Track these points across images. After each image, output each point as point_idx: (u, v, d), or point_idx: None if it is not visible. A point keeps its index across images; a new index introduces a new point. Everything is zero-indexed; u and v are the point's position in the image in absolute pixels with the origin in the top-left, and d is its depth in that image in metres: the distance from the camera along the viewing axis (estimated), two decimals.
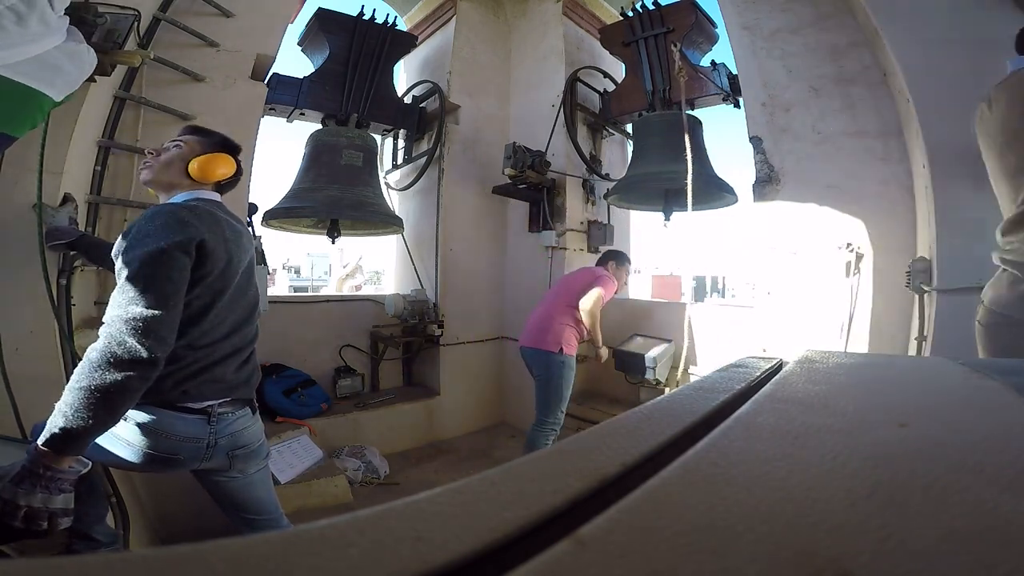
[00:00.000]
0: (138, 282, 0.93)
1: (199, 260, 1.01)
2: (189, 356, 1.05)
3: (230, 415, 1.13)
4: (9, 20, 0.96)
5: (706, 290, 20.67)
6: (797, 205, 2.14)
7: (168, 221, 0.99)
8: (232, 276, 1.11)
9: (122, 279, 0.95)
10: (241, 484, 1.20)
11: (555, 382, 2.22)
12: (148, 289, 0.93)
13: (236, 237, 1.14)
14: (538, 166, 3.05)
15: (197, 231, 1.00)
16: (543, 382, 2.25)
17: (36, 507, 0.84)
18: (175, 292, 0.96)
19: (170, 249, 0.96)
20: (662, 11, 2.89)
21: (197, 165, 1.14)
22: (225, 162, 1.18)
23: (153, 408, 1.04)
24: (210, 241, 1.02)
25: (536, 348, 2.27)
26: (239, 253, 1.14)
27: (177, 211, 1.02)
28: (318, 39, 2.91)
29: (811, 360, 0.53)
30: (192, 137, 1.18)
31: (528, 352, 2.31)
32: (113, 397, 0.87)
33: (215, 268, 1.05)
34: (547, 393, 2.23)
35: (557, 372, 2.21)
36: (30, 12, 0.99)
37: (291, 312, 2.96)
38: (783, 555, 0.16)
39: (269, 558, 0.16)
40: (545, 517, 0.19)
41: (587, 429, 0.31)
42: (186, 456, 1.08)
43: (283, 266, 18.72)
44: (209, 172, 1.15)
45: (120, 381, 0.87)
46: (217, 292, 1.07)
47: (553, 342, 2.23)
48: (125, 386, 0.88)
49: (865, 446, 0.26)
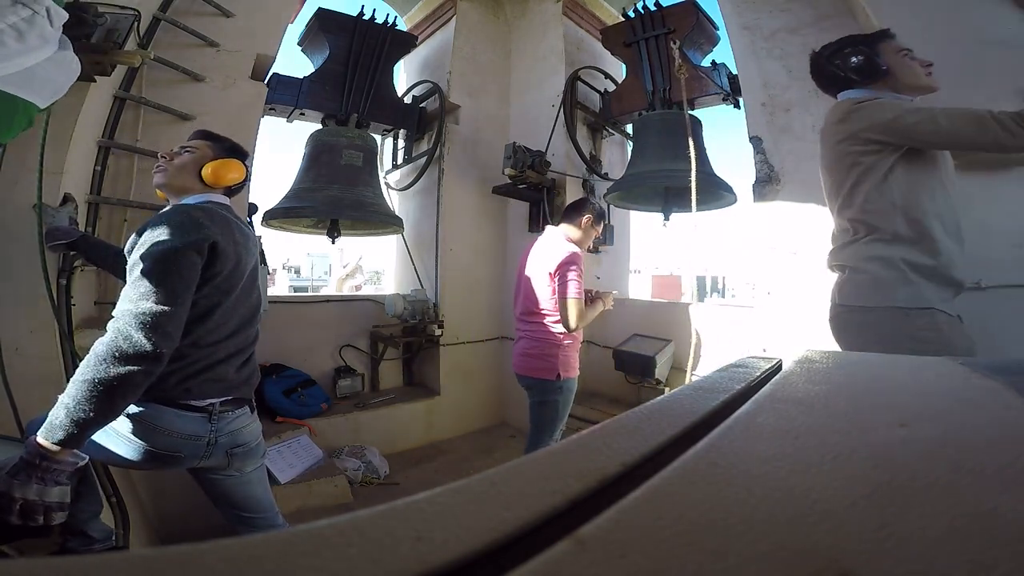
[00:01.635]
0: (151, 278, 0.95)
1: (210, 260, 1.04)
2: (194, 354, 1.06)
3: (230, 413, 1.14)
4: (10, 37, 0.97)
5: (706, 290, 20.68)
6: (797, 205, 2.14)
7: (184, 221, 1.02)
8: (239, 278, 1.13)
9: (135, 275, 0.97)
10: (238, 482, 1.20)
11: (551, 408, 1.96)
12: (160, 285, 0.95)
13: (244, 240, 1.17)
14: (538, 166, 3.05)
15: (210, 232, 1.03)
16: (538, 406, 2.00)
17: (31, 500, 0.85)
18: (185, 290, 0.99)
19: (184, 248, 0.98)
20: (663, 12, 2.89)
21: (211, 170, 1.17)
22: (236, 167, 1.22)
23: (155, 405, 1.05)
24: (222, 243, 1.05)
25: (530, 377, 1.97)
26: (247, 256, 1.17)
27: (192, 212, 1.05)
28: (318, 39, 2.91)
29: (811, 360, 0.53)
30: (203, 142, 1.21)
31: (521, 379, 2.04)
32: (116, 391, 0.88)
33: (224, 269, 1.07)
34: (541, 417, 1.98)
35: (553, 398, 1.95)
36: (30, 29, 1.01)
37: (291, 312, 2.96)
38: (783, 555, 0.16)
39: (269, 558, 0.16)
40: (545, 517, 0.19)
41: (587, 429, 0.31)
42: (186, 453, 1.09)
43: (283, 266, 18.74)
44: (221, 177, 1.19)
45: (124, 375, 0.89)
46: (224, 293, 1.09)
47: (548, 370, 1.91)
48: (128, 380, 0.89)
49: (865, 446, 0.26)
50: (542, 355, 1.93)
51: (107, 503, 1.50)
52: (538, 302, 1.96)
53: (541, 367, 1.93)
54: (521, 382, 2.04)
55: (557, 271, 1.86)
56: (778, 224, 2.19)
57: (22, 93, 1.05)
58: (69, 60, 1.17)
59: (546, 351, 1.93)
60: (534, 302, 1.97)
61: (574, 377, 1.99)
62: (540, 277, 1.95)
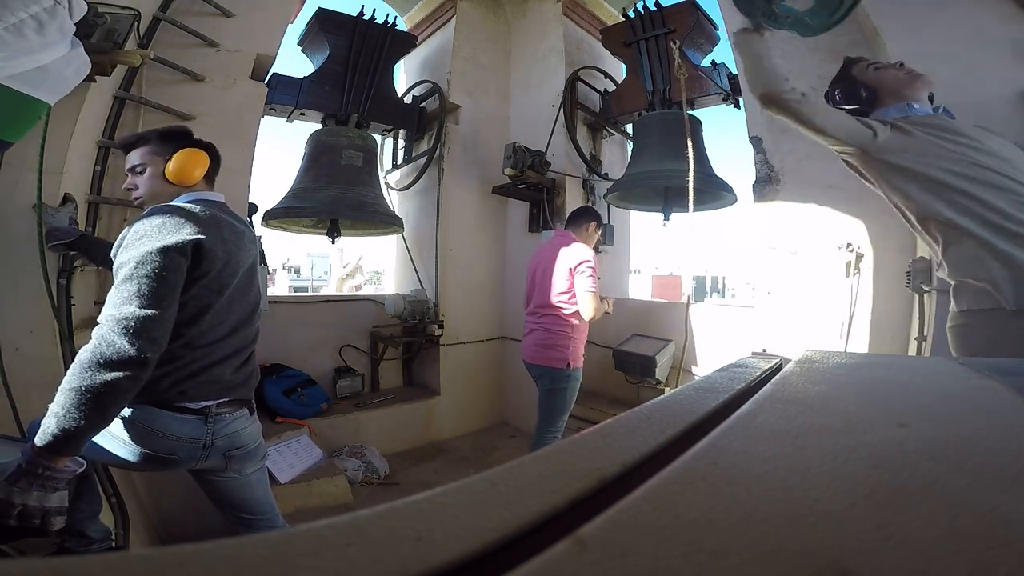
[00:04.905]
0: (133, 281, 0.93)
1: (196, 261, 1.01)
2: (188, 356, 1.05)
3: (228, 416, 1.13)
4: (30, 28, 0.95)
5: (706, 290, 20.68)
6: (797, 205, 2.14)
7: (165, 222, 0.99)
8: (231, 276, 1.10)
9: (119, 278, 0.95)
10: (238, 484, 1.20)
11: (559, 395, 2.14)
12: (143, 289, 0.92)
13: (236, 238, 1.13)
14: (538, 166, 3.05)
15: (194, 232, 1.00)
16: (547, 393, 2.17)
17: (31, 505, 0.84)
18: (170, 293, 0.96)
19: (166, 249, 0.95)
20: (663, 12, 2.89)
21: (173, 168, 1.13)
22: (194, 155, 1.16)
23: (150, 408, 1.04)
24: (207, 242, 1.02)
25: (540, 365, 2.14)
26: (239, 254, 1.13)
27: (175, 211, 1.02)
28: (318, 39, 2.91)
29: (811, 360, 0.53)
30: (144, 150, 1.15)
31: (532, 368, 2.20)
32: (104, 398, 0.87)
33: (212, 269, 1.04)
34: (550, 404, 2.16)
35: (562, 386, 2.13)
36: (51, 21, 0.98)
37: (291, 312, 2.96)
38: (783, 555, 0.16)
39: (269, 558, 0.16)
40: (545, 517, 0.19)
41: (587, 429, 0.31)
42: (183, 456, 1.08)
43: (283, 266, 18.74)
44: (188, 172, 1.14)
45: (110, 382, 0.87)
46: (215, 292, 1.07)
47: (559, 359, 2.09)
48: (115, 387, 0.88)
49: (865, 446, 0.26)
50: (555, 345, 2.10)
51: (107, 503, 1.50)
52: (553, 296, 2.12)
53: (554, 356, 2.10)
54: (533, 371, 2.19)
55: (576, 267, 2.05)
56: (778, 224, 2.19)
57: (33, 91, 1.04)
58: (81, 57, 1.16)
59: (559, 341, 2.10)
60: (549, 295, 2.13)
61: (581, 368, 2.16)
62: (559, 272, 2.11)
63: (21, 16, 0.93)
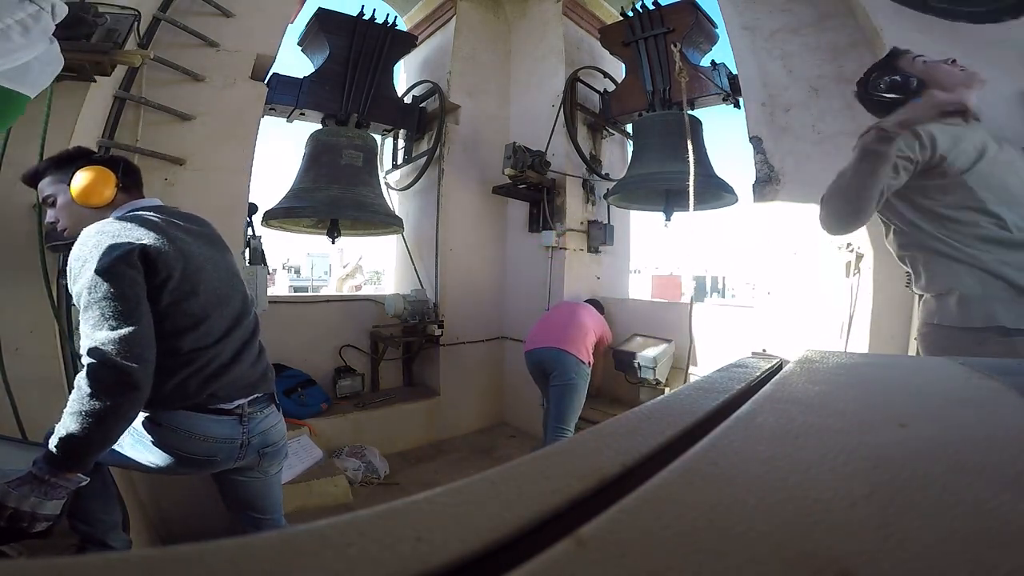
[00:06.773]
0: (94, 308, 0.91)
1: (150, 268, 0.97)
2: (201, 357, 1.04)
3: (259, 414, 1.15)
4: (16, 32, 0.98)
5: (706, 290, 20.66)
6: (797, 205, 2.14)
7: (99, 241, 0.95)
8: (197, 271, 1.06)
9: (80, 308, 0.93)
10: (261, 484, 1.22)
11: (578, 390, 2.18)
12: (105, 312, 0.91)
13: (187, 235, 1.08)
14: (538, 166, 3.05)
15: (133, 241, 0.96)
16: (565, 388, 2.15)
17: (23, 511, 0.86)
18: (133, 307, 0.93)
19: (111, 267, 0.92)
20: (662, 11, 2.89)
21: (75, 191, 1.05)
22: (92, 172, 1.06)
23: (186, 413, 1.05)
24: (152, 246, 0.98)
25: (563, 350, 2.19)
26: (200, 248, 1.09)
27: (105, 228, 0.98)
28: (318, 39, 2.91)
29: (811, 360, 0.53)
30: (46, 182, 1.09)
31: (552, 353, 2.20)
32: (107, 420, 0.89)
33: (172, 272, 1.00)
34: (570, 399, 2.16)
35: (580, 380, 2.17)
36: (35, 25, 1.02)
37: (291, 312, 2.96)
38: (783, 555, 0.16)
39: (269, 558, 0.16)
40: (545, 517, 0.19)
41: (587, 429, 0.31)
42: (223, 457, 1.10)
43: (283, 266, 18.73)
44: (95, 193, 1.06)
45: (110, 406, 0.89)
46: (189, 293, 1.03)
47: (585, 351, 2.24)
48: (115, 409, 0.89)
49: (865, 446, 0.26)
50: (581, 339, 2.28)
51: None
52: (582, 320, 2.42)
53: (581, 347, 2.25)
54: (546, 355, 2.25)
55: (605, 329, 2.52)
56: (778, 224, 2.19)
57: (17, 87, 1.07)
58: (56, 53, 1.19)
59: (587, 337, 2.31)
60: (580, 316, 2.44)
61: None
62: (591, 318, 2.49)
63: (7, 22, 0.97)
